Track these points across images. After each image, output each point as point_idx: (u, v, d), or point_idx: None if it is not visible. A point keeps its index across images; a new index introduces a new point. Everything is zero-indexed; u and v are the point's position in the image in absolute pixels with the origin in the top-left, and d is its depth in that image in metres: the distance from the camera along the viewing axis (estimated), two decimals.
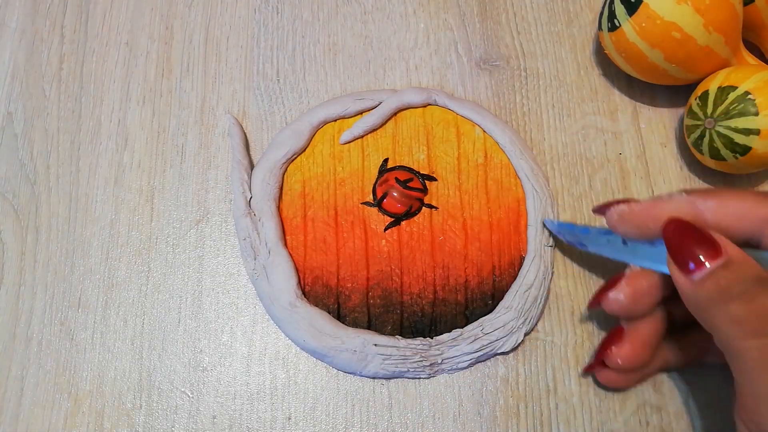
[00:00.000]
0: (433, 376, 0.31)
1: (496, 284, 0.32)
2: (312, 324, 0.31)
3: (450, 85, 0.37)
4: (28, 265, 0.34)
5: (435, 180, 0.34)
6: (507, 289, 0.32)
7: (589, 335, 0.32)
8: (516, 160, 0.34)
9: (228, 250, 0.34)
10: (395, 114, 0.36)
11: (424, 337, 0.31)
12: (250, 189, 0.34)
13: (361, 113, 0.36)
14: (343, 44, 0.38)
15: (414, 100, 0.35)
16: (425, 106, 0.36)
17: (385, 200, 0.34)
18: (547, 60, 0.38)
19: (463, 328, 0.31)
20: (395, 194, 0.33)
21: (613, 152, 0.35)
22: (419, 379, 0.31)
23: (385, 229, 0.33)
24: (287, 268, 0.32)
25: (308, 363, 0.32)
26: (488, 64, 0.38)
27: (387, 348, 0.30)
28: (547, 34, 0.38)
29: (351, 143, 0.35)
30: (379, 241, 0.33)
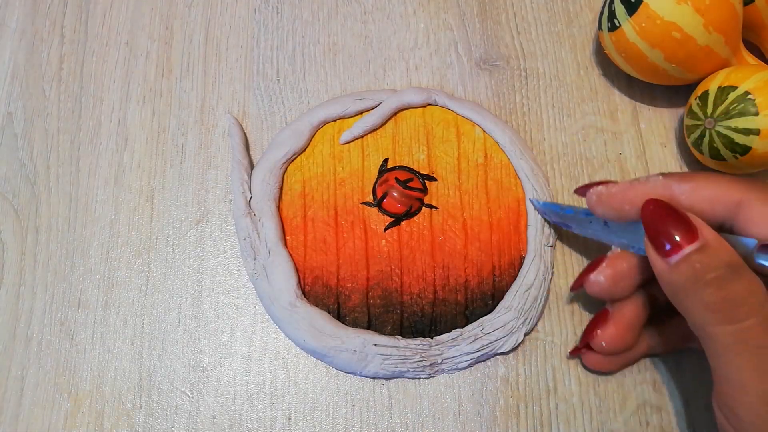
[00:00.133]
0: (433, 376, 0.31)
1: (496, 284, 0.32)
2: (312, 324, 0.31)
3: (450, 85, 0.37)
4: (28, 265, 0.34)
5: (435, 180, 0.34)
6: (507, 289, 0.32)
7: None
8: (516, 160, 0.34)
9: (228, 250, 0.34)
10: (395, 114, 0.36)
11: (424, 337, 0.31)
12: (250, 189, 0.34)
13: (361, 113, 0.36)
14: (343, 44, 0.38)
15: (414, 100, 0.35)
16: (425, 106, 0.36)
17: (385, 200, 0.34)
18: (547, 60, 0.38)
19: (463, 328, 0.31)
20: (395, 194, 0.33)
21: (613, 152, 0.35)
22: (419, 379, 0.31)
23: (385, 229, 0.33)
24: (287, 268, 0.32)
25: (308, 363, 0.32)
26: (488, 64, 0.38)
27: (387, 348, 0.30)
28: (547, 34, 0.38)
29: (351, 143, 0.35)
30: (379, 241, 0.33)
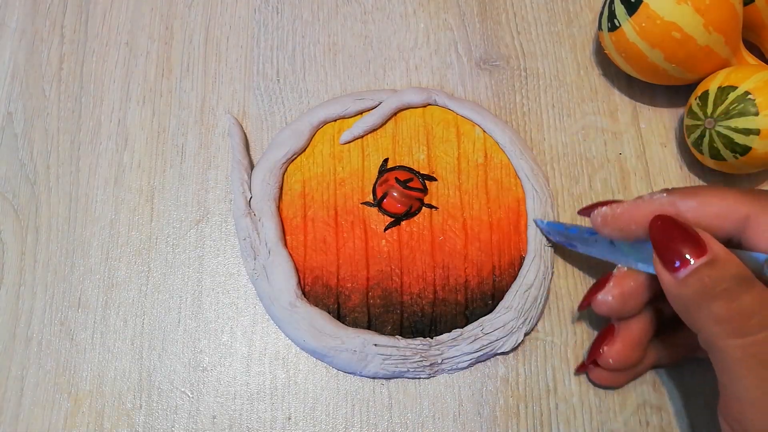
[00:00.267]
0: (433, 376, 0.31)
1: (496, 284, 0.32)
2: (312, 324, 0.31)
3: (450, 85, 0.37)
4: (28, 265, 0.34)
5: (435, 180, 0.34)
6: (507, 289, 0.32)
7: (589, 335, 0.32)
8: (516, 160, 0.34)
9: (228, 250, 0.34)
10: (395, 114, 0.36)
11: (424, 337, 0.31)
12: (250, 189, 0.34)
13: (361, 113, 0.36)
14: (343, 44, 0.38)
15: (414, 100, 0.35)
16: (425, 106, 0.36)
17: (385, 200, 0.34)
18: (547, 60, 0.38)
19: (463, 328, 0.31)
20: (395, 194, 0.33)
21: (613, 152, 0.35)
22: (419, 379, 0.31)
23: (385, 229, 0.33)
24: (287, 268, 0.32)
25: (308, 363, 0.32)
26: (488, 64, 0.38)
27: (387, 348, 0.30)
28: (547, 34, 0.38)
29: (351, 143, 0.35)
30: (379, 241, 0.33)
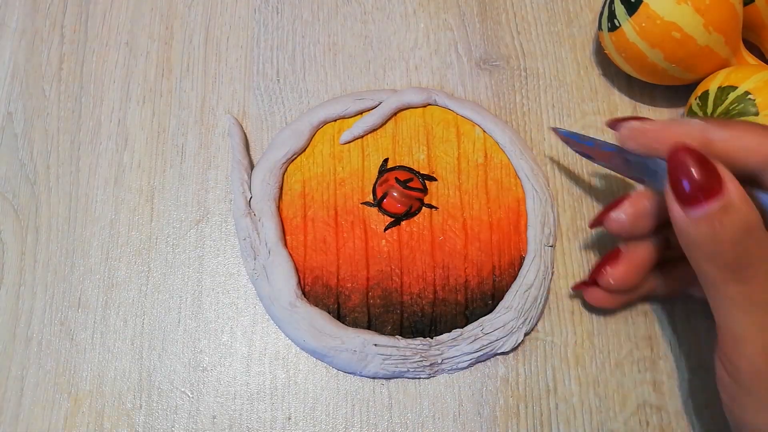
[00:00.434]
0: (433, 376, 0.31)
1: (496, 284, 0.32)
2: (312, 324, 0.31)
3: (450, 85, 0.37)
4: (28, 265, 0.34)
5: (435, 180, 0.34)
6: (507, 289, 0.32)
7: (589, 335, 0.32)
8: (516, 160, 0.34)
9: (228, 250, 0.34)
10: (395, 114, 0.36)
11: (424, 337, 0.31)
12: (250, 189, 0.34)
13: (361, 113, 0.36)
14: (343, 44, 0.38)
15: (414, 100, 0.35)
16: (425, 106, 0.36)
17: (385, 200, 0.34)
18: (547, 60, 0.38)
19: (463, 328, 0.31)
20: (395, 194, 0.33)
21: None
22: (419, 379, 0.31)
23: (385, 229, 0.33)
24: (287, 268, 0.32)
25: (308, 363, 0.32)
26: (488, 64, 0.38)
27: (387, 348, 0.30)
28: (547, 34, 0.38)
29: (351, 143, 0.35)
30: (379, 241, 0.33)
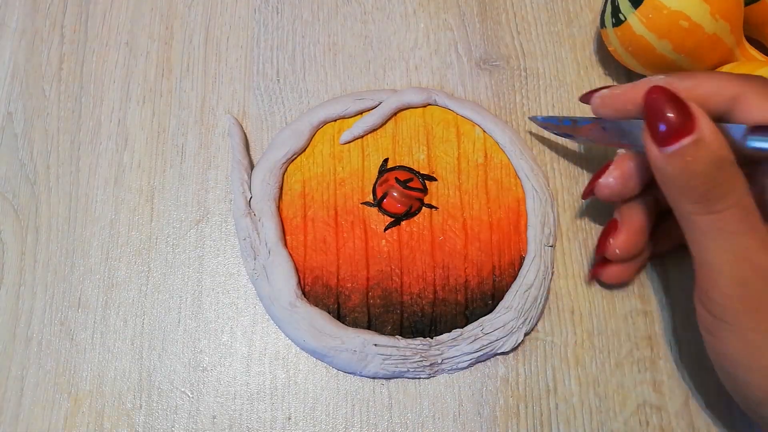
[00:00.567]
0: (433, 376, 0.31)
1: (496, 284, 0.32)
2: (312, 324, 0.31)
3: (450, 85, 0.37)
4: (28, 265, 0.34)
5: (435, 180, 0.34)
6: (507, 289, 0.32)
7: (589, 335, 0.32)
8: (516, 160, 0.34)
9: (228, 250, 0.34)
10: (395, 114, 0.36)
11: (424, 337, 0.31)
12: (250, 189, 0.34)
13: (361, 113, 0.36)
14: (343, 44, 0.38)
15: (414, 100, 0.35)
16: (425, 106, 0.36)
17: (385, 200, 0.34)
18: (547, 60, 0.38)
19: (463, 328, 0.31)
20: (395, 194, 0.33)
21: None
22: (419, 379, 0.31)
23: (385, 229, 0.33)
24: (287, 268, 0.32)
25: (308, 363, 0.32)
26: (488, 64, 0.38)
27: (387, 348, 0.30)
28: (547, 34, 0.38)
29: (351, 143, 0.35)
30: (379, 241, 0.33)
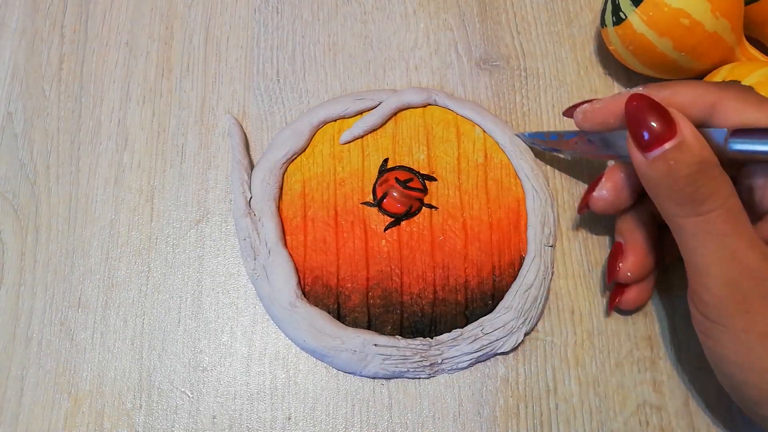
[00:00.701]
0: (433, 376, 0.31)
1: (496, 284, 0.32)
2: (312, 324, 0.31)
3: (450, 85, 0.37)
4: (28, 265, 0.34)
5: (435, 180, 0.34)
6: (507, 289, 0.32)
7: (589, 335, 0.32)
8: (516, 160, 0.34)
9: (228, 250, 0.34)
10: (395, 114, 0.36)
11: (424, 337, 0.31)
12: (250, 189, 0.34)
13: (361, 113, 0.36)
14: (343, 44, 0.38)
15: (414, 100, 0.35)
16: (425, 106, 0.36)
17: (385, 200, 0.34)
18: (547, 60, 0.38)
19: (463, 328, 0.31)
20: (395, 194, 0.33)
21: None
22: (419, 379, 0.31)
23: (385, 229, 0.33)
24: (287, 268, 0.32)
25: (308, 363, 0.32)
26: (488, 64, 0.38)
27: (387, 348, 0.30)
28: (547, 34, 0.38)
29: (351, 143, 0.35)
30: (379, 241, 0.33)
